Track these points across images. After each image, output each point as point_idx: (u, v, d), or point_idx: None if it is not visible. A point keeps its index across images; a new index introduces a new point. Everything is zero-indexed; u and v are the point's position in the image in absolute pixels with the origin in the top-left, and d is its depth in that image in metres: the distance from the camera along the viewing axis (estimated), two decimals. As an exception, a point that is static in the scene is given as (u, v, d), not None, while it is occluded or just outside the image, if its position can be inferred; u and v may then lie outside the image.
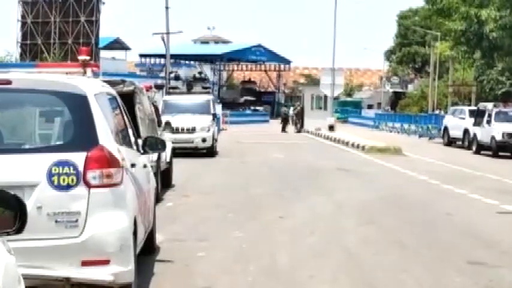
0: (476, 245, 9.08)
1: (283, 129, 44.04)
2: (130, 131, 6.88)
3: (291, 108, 51.55)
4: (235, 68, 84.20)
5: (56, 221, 5.29)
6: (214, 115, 24.23)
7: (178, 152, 17.96)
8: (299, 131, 43.62)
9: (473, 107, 33.66)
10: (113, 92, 6.87)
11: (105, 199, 5.41)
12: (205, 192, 13.68)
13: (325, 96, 51.56)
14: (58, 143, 5.60)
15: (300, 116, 45.79)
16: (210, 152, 22.45)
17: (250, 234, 9.39)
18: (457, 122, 31.91)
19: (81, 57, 9.99)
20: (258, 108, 69.06)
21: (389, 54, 75.40)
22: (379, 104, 72.46)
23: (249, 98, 72.18)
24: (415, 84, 71.00)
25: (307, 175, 17.30)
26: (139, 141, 7.25)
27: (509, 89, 40.98)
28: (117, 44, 64.79)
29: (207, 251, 8.23)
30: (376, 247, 8.75)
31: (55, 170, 5.30)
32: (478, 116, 28.62)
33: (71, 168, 5.32)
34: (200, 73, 68.35)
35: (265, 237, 9.24)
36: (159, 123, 14.55)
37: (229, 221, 10.45)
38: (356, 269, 7.60)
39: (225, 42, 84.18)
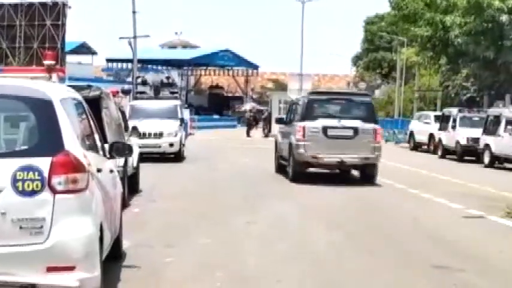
0: (442, 250, 9.18)
1: (248, 134, 44.33)
2: (96, 136, 6.83)
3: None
4: (203, 73, 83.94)
5: (21, 227, 5.23)
6: (182, 120, 24.17)
7: (145, 157, 17.87)
8: (267, 136, 43.72)
9: (438, 112, 34.10)
10: (79, 97, 6.83)
11: (71, 205, 5.36)
12: (173, 198, 13.62)
13: (293, 102, 51.66)
14: (23, 148, 5.52)
15: (267, 121, 45.92)
16: (177, 157, 22.39)
17: (218, 240, 9.37)
18: (423, 127, 32.31)
19: (46, 62, 9.91)
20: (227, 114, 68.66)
21: (356, 60, 75.81)
22: (346, 109, 72.64)
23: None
24: (381, 89, 71.46)
25: (275, 180, 17.31)
26: (106, 146, 7.21)
27: (474, 94, 41.53)
28: (83, 49, 64.17)
29: (174, 257, 8.18)
30: (343, 252, 8.80)
31: (20, 175, 5.24)
32: (443, 121, 29.03)
33: (36, 174, 5.26)
34: (168, 78, 67.92)
35: (233, 243, 9.23)
36: (126, 128, 14.47)
37: (197, 226, 10.42)
38: (323, 274, 7.62)
39: (192, 47, 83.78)
